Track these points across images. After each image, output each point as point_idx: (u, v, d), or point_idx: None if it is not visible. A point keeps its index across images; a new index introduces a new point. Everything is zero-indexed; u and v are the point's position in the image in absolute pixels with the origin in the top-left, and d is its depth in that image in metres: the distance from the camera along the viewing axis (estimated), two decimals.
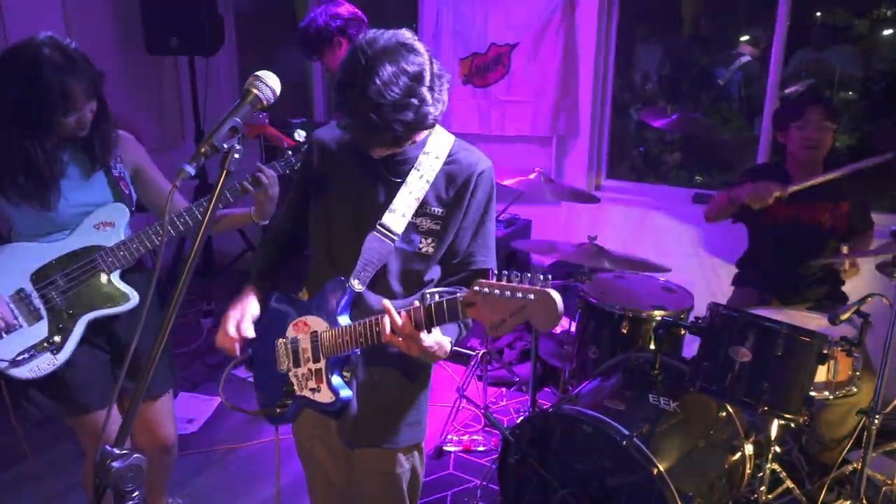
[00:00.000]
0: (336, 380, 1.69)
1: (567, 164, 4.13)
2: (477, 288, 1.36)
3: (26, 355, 1.98)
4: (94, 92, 1.93)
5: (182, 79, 5.16)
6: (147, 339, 1.43)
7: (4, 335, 1.97)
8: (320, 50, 2.98)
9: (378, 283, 1.67)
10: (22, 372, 1.98)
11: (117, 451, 1.19)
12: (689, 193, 3.97)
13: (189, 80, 4.74)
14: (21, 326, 1.99)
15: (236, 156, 1.31)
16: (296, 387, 1.76)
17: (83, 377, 2.06)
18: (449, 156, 1.64)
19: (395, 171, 1.63)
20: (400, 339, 1.49)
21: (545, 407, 2.97)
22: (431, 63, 1.49)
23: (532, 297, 1.31)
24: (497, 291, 1.33)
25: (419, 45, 1.49)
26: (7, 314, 1.96)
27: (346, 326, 1.63)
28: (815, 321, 2.52)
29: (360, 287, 1.64)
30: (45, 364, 1.99)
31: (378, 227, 1.61)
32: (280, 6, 5.33)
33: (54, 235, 2.02)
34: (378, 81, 1.41)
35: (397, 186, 1.62)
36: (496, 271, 1.39)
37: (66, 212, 2.00)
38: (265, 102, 1.37)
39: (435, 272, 1.72)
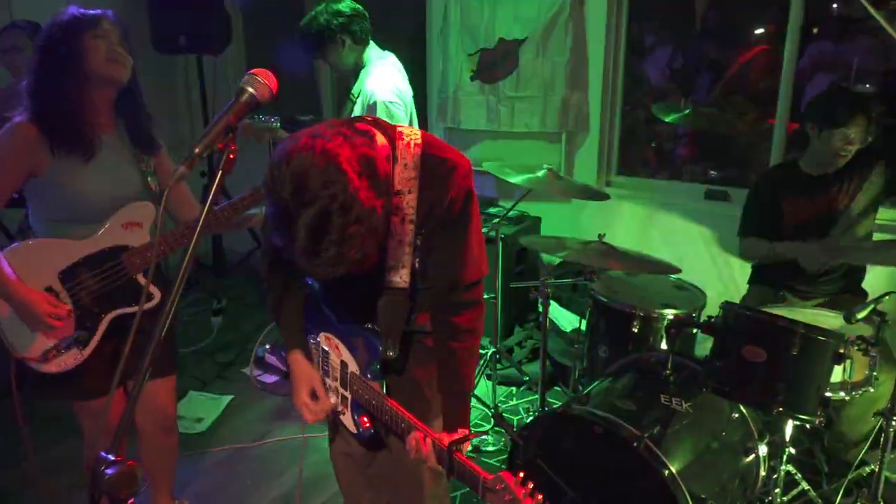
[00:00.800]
0: (361, 418, 1.72)
1: (577, 160, 4.08)
2: (501, 486, 1.33)
3: (55, 351, 2.01)
4: (124, 38, 1.98)
5: (190, 77, 5.16)
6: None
7: (38, 333, 1.98)
8: (323, 49, 2.95)
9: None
10: (49, 367, 2.01)
11: (111, 458, 1.17)
12: (701, 189, 3.91)
13: (198, 78, 4.75)
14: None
15: (231, 156, 1.28)
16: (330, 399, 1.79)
17: (93, 363, 2.07)
18: (421, 180, 1.49)
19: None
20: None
21: (555, 407, 2.93)
22: (350, 166, 1.25)
23: None
24: (510, 498, 1.32)
25: (333, 163, 1.23)
26: (53, 309, 1.96)
27: (378, 397, 1.63)
28: (830, 320, 2.47)
29: (394, 354, 1.61)
30: (71, 359, 2.03)
31: (385, 292, 1.56)
32: (288, 3, 5.31)
33: (82, 230, 2.01)
34: (301, 234, 1.23)
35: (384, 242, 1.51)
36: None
37: (99, 196, 2.00)
38: (261, 101, 1.34)
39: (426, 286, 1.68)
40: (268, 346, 4.01)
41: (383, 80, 2.95)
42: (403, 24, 4.80)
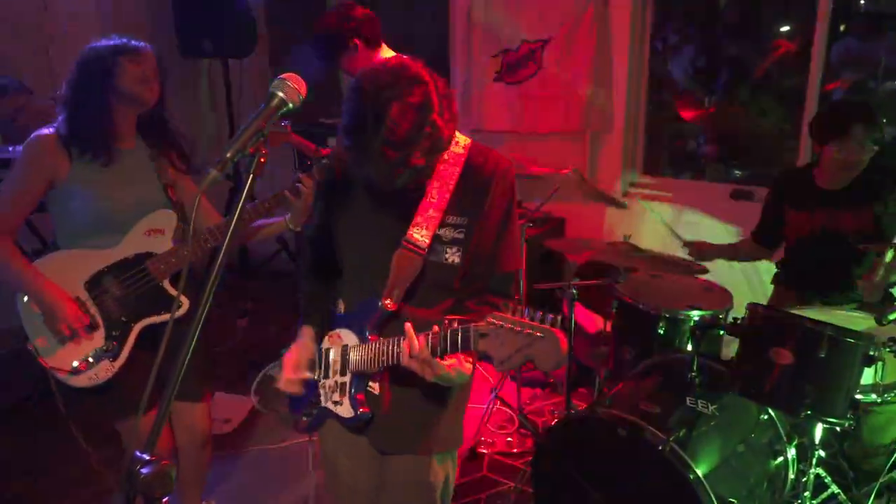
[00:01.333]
0: (358, 396, 1.69)
1: (601, 159, 4.07)
2: (491, 319, 1.34)
3: (85, 364, 2.02)
4: (159, 67, 2.05)
5: (215, 81, 5.23)
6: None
7: (67, 343, 2.01)
8: (337, 55, 2.95)
9: (410, 297, 1.64)
10: (81, 381, 2.03)
11: (146, 458, 1.19)
12: (726, 189, 3.88)
13: (223, 81, 4.80)
14: (79, 335, 2.02)
15: (262, 160, 1.30)
16: (322, 397, 1.77)
17: (131, 380, 2.08)
18: (466, 162, 1.62)
19: (414, 186, 1.59)
20: (415, 363, 1.49)
21: (580, 409, 2.92)
22: (436, 85, 1.46)
23: (540, 334, 1.29)
24: (509, 325, 1.31)
25: (421, 72, 1.46)
26: (79, 317, 2.00)
27: (371, 344, 1.63)
28: (860, 321, 2.43)
29: (393, 306, 1.62)
30: (103, 372, 2.04)
31: (404, 243, 1.60)
32: (313, 7, 5.35)
33: (105, 240, 2.04)
34: (388, 121, 1.39)
35: (418, 199, 1.60)
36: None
37: (119, 204, 2.03)
38: (291, 105, 1.35)
39: (464, 280, 1.69)
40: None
41: None
42: (426, 25, 4.83)
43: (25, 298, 2.03)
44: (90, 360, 2.02)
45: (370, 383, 1.70)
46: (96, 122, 1.99)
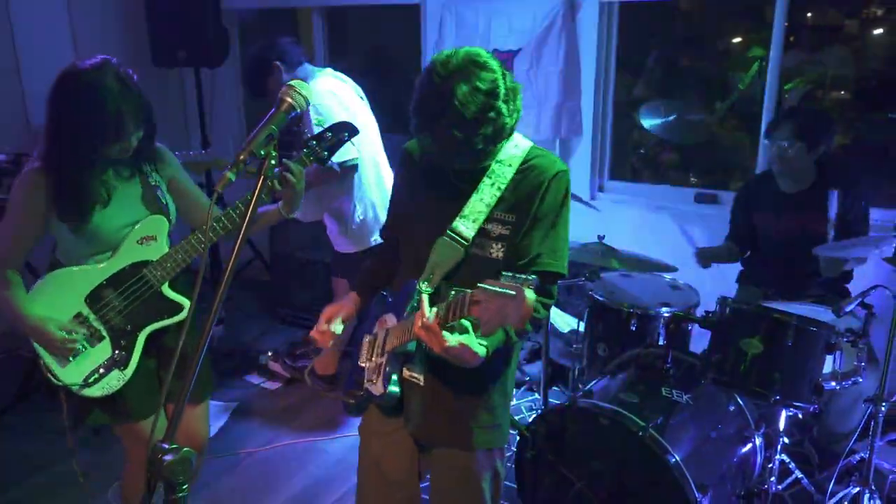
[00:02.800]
0: (392, 376, 1.74)
1: (570, 165, 4.15)
2: (482, 285, 1.34)
3: (96, 375, 2.06)
4: (143, 120, 1.97)
5: (187, 90, 5.24)
6: (192, 340, 1.47)
7: (72, 359, 2.04)
8: (264, 82, 3.08)
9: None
10: (94, 391, 2.06)
11: (168, 446, 1.24)
12: (691, 193, 4.04)
13: (195, 91, 4.82)
14: (84, 349, 2.05)
15: (272, 162, 1.37)
16: (365, 379, 1.83)
17: (133, 385, 2.11)
18: (522, 163, 1.69)
19: (468, 180, 1.69)
20: (423, 332, 1.50)
21: (560, 402, 3.02)
22: (504, 77, 1.56)
23: (512, 293, 1.28)
24: (493, 289, 1.32)
25: (491, 62, 1.55)
26: (65, 340, 2.01)
27: (400, 322, 1.72)
28: (821, 314, 2.58)
29: (428, 289, 1.68)
30: (115, 381, 2.07)
31: (448, 231, 1.68)
32: (283, 19, 5.40)
33: (99, 256, 2.06)
34: (455, 101, 1.49)
35: (469, 193, 1.69)
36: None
37: (115, 229, 2.04)
38: (299, 110, 1.43)
39: None
40: (270, 354, 4.08)
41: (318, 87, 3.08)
42: (398, 37, 4.92)
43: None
44: (101, 371, 2.06)
45: (407, 369, 1.75)
46: (82, 179, 1.96)
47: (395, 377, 1.74)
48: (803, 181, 2.93)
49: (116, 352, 2.07)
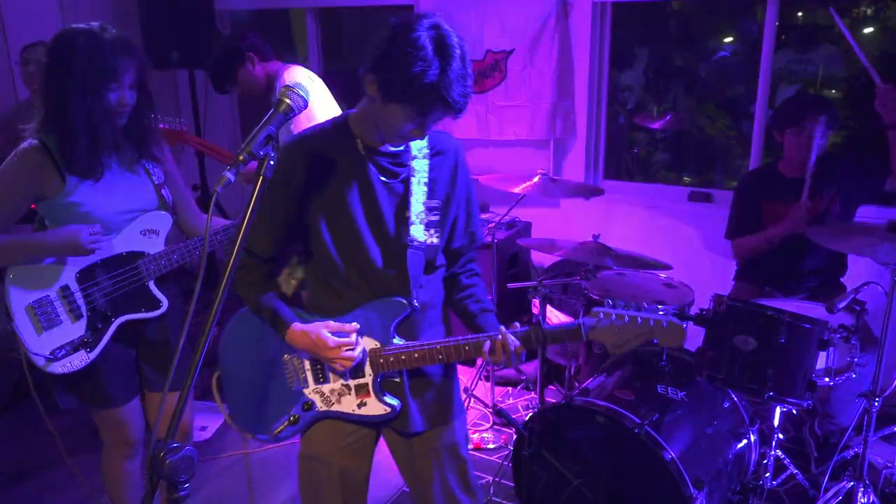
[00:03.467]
0: (388, 392, 1.77)
1: (565, 166, 4.22)
2: (601, 315, 1.64)
3: (63, 352, 2.05)
4: (139, 77, 2.00)
5: (182, 91, 5.23)
6: (176, 337, 1.49)
7: (49, 329, 2.03)
8: (234, 72, 3.10)
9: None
10: (56, 367, 2.05)
11: (171, 445, 1.25)
12: (684, 192, 4.06)
13: (190, 92, 4.81)
14: (61, 324, 2.05)
15: (271, 162, 1.38)
16: (319, 403, 1.80)
17: (110, 372, 2.13)
18: (428, 147, 1.74)
19: (395, 176, 1.71)
20: (505, 357, 1.67)
21: (556, 400, 3.04)
22: None
23: (664, 324, 1.61)
24: (618, 321, 1.64)
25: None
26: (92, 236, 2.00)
27: (415, 346, 1.71)
28: (813, 311, 2.60)
29: (417, 304, 1.73)
30: (78, 360, 2.07)
31: (411, 244, 1.70)
32: (277, 21, 5.41)
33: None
34: (456, 61, 1.49)
35: (405, 195, 1.70)
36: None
37: (113, 214, 2.05)
38: (297, 110, 1.44)
39: (441, 258, 1.82)
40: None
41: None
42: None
43: (11, 275, 2.03)
44: (69, 348, 2.05)
45: (389, 380, 1.77)
46: (83, 141, 1.95)
47: (391, 393, 1.77)
48: (805, 168, 2.96)
49: (89, 332, 2.07)
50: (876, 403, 2.36)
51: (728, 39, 4.53)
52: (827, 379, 2.42)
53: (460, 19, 4.13)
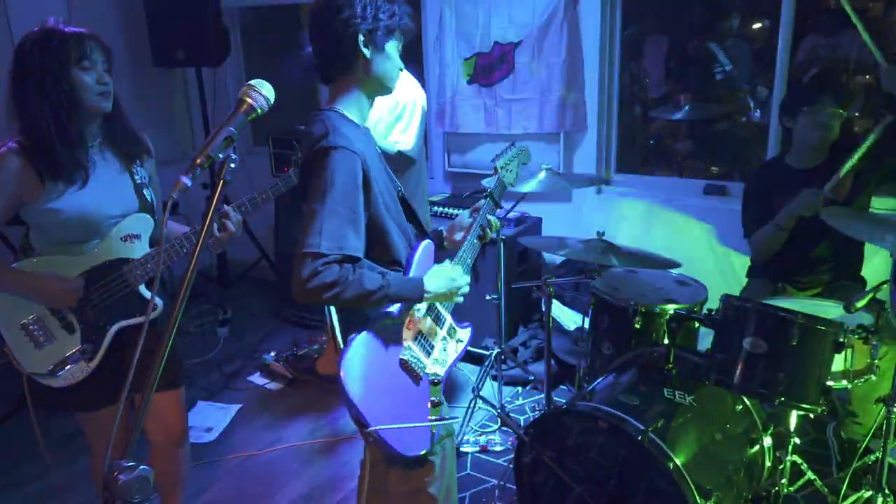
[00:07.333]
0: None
1: (576, 159, 4.11)
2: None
3: (62, 366, 2.03)
4: (108, 60, 1.97)
5: (190, 90, 5.22)
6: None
7: (44, 347, 2.01)
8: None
9: None
10: (58, 381, 2.03)
11: (124, 464, 1.20)
12: (699, 185, 3.93)
13: (197, 90, 4.79)
14: (55, 340, 2.02)
15: (232, 165, 1.31)
16: (439, 371, 1.87)
17: (96, 375, 2.09)
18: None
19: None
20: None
21: (559, 404, 2.95)
22: None
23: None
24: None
25: None
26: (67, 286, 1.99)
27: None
28: (830, 310, 2.48)
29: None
30: (79, 372, 2.04)
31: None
32: (285, 16, 5.36)
33: (83, 247, 2.02)
34: None
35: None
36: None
37: (96, 216, 2.01)
38: (259, 111, 1.37)
39: None
40: (273, 354, 4.05)
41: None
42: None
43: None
44: (67, 362, 2.03)
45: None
46: (61, 145, 1.91)
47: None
48: (815, 157, 2.85)
49: (85, 345, 2.04)
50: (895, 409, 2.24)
51: (756, 26, 4.37)
52: (845, 382, 2.30)
53: (467, 11, 4.05)
